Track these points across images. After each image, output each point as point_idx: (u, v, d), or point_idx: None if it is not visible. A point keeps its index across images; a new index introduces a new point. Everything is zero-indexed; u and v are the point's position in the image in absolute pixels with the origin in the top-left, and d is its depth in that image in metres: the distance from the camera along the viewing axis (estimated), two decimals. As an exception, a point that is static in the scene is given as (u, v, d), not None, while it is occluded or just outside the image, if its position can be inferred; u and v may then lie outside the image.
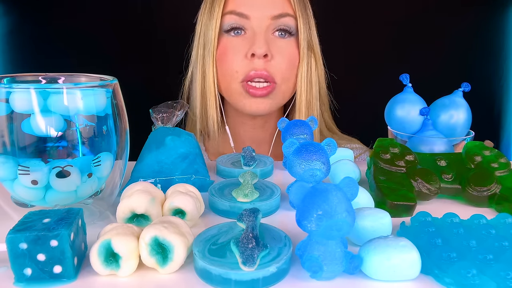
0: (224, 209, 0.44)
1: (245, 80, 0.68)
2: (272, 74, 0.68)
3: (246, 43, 0.68)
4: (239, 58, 0.68)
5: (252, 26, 0.68)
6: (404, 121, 0.59)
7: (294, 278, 0.32)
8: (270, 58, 0.67)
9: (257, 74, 0.67)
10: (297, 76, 0.72)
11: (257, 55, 0.66)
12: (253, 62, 0.67)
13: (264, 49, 0.66)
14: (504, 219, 0.39)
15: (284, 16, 0.68)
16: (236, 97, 0.71)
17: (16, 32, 1.01)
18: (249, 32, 0.69)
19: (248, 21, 0.68)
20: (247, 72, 0.68)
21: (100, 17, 1.02)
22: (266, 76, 0.68)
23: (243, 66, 0.68)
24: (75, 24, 1.01)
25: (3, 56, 1.02)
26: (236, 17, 0.68)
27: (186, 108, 0.54)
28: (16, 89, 0.38)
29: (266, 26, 0.68)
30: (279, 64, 0.69)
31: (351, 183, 0.30)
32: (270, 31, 0.69)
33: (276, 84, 0.69)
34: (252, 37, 0.68)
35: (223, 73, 0.71)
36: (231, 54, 0.69)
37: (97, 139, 0.41)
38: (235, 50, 0.69)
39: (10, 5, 1.00)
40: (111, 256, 0.32)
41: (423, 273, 0.32)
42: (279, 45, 0.69)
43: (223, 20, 0.69)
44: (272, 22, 0.68)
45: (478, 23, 1.03)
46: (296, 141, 0.39)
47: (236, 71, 0.68)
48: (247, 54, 0.67)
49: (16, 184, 0.39)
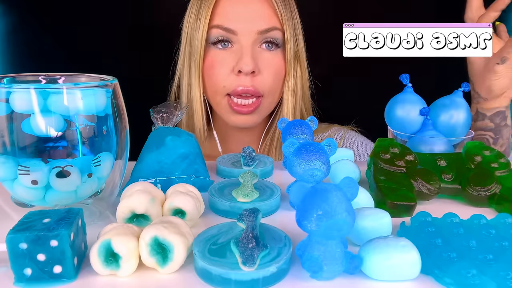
0: (224, 209, 0.44)
1: (232, 94, 0.69)
2: (259, 89, 0.69)
3: (233, 58, 0.68)
4: (226, 72, 0.69)
5: (239, 40, 0.68)
6: (404, 121, 0.59)
7: (294, 278, 0.32)
8: (257, 73, 0.68)
9: (244, 90, 0.68)
10: (283, 86, 0.73)
11: (244, 72, 0.67)
12: (240, 78, 0.68)
13: (251, 67, 0.66)
14: (504, 219, 0.39)
15: (271, 30, 0.68)
16: (222, 111, 0.72)
17: (16, 32, 1.01)
18: (236, 46, 0.69)
19: (235, 36, 0.68)
20: (234, 87, 0.68)
21: (100, 17, 1.02)
22: (253, 92, 0.68)
23: (230, 81, 0.68)
24: (75, 24, 1.01)
25: (3, 56, 1.02)
26: (223, 32, 0.68)
27: (186, 108, 0.54)
28: (16, 89, 0.38)
29: (253, 40, 0.68)
30: (266, 78, 0.69)
31: (351, 183, 0.30)
32: (257, 44, 0.69)
33: (263, 97, 0.70)
34: (239, 51, 0.68)
35: (210, 86, 0.71)
36: (218, 68, 0.69)
37: (97, 139, 0.41)
38: (222, 63, 0.69)
39: (10, 5, 1.00)
40: (111, 256, 0.32)
41: (423, 273, 0.32)
42: (266, 58, 0.69)
43: (209, 33, 0.69)
44: (259, 37, 0.68)
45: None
46: (296, 141, 0.39)
47: (223, 86, 0.69)
48: (234, 69, 0.68)
49: (16, 184, 0.39)
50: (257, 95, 0.70)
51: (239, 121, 0.72)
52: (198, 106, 0.73)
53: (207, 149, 0.80)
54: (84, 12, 1.03)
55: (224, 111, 0.72)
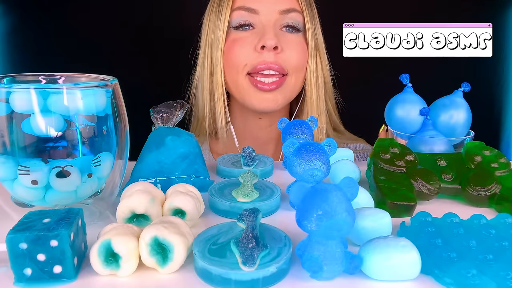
0: (224, 209, 0.44)
1: (253, 72, 0.68)
2: (283, 66, 0.68)
3: (255, 37, 0.68)
4: (248, 51, 0.68)
5: (261, 21, 0.68)
6: (404, 121, 0.59)
7: (294, 278, 0.32)
8: (280, 50, 0.67)
9: (267, 66, 0.67)
10: (306, 71, 0.72)
11: (268, 47, 0.66)
12: (262, 55, 0.67)
13: (274, 41, 0.66)
14: (504, 219, 0.39)
15: (291, 11, 0.69)
16: (244, 93, 0.70)
17: (16, 32, 1.02)
18: (257, 27, 0.69)
19: (256, 16, 0.68)
20: (256, 64, 0.67)
21: (100, 17, 1.02)
22: (277, 69, 0.67)
23: (252, 58, 0.67)
24: (75, 24, 1.01)
25: (3, 56, 1.02)
26: (245, 13, 0.68)
27: (186, 108, 0.54)
28: (16, 89, 0.38)
29: (275, 20, 0.68)
30: (289, 57, 0.68)
31: (351, 183, 0.30)
32: (278, 26, 0.69)
33: (287, 76, 0.69)
34: (261, 31, 0.68)
35: (230, 66, 0.70)
36: (239, 47, 0.68)
37: (97, 139, 0.41)
38: (244, 42, 0.68)
39: (10, 5, 1.00)
40: (111, 256, 0.32)
41: (423, 273, 0.32)
42: (289, 39, 0.69)
43: (231, 16, 0.69)
44: (280, 17, 0.68)
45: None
46: (296, 141, 0.39)
47: (245, 64, 0.68)
48: (257, 46, 0.67)
49: (16, 184, 0.39)
50: (282, 72, 0.68)
51: (262, 102, 0.69)
52: (220, 92, 0.71)
53: (226, 146, 0.78)
54: (84, 12, 1.03)
55: (246, 92, 0.70)
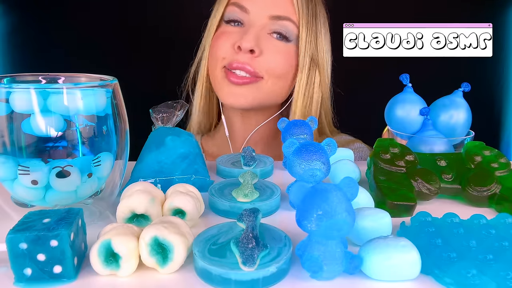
0: (224, 209, 0.44)
1: (229, 67, 0.68)
2: (256, 69, 0.67)
3: (239, 35, 0.68)
4: (228, 47, 0.69)
5: (249, 20, 0.68)
6: (404, 121, 0.59)
7: (294, 278, 0.32)
8: (257, 54, 0.67)
9: (240, 66, 0.67)
10: (294, 82, 0.71)
11: (243, 49, 0.66)
12: (238, 54, 0.67)
13: (250, 44, 0.65)
14: (504, 219, 0.39)
15: (284, 19, 0.68)
16: (218, 86, 0.71)
17: (16, 32, 1.02)
18: (245, 26, 0.69)
19: (247, 15, 0.68)
20: (231, 62, 0.68)
21: (100, 17, 1.02)
22: (248, 71, 0.67)
23: (229, 54, 0.69)
24: (75, 24, 1.01)
25: (3, 56, 1.02)
26: (237, 9, 0.69)
27: (186, 108, 0.54)
28: (16, 89, 0.38)
29: (263, 24, 0.68)
30: (268, 61, 0.67)
31: (351, 183, 0.30)
32: (267, 31, 0.68)
33: (262, 79, 0.68)
34: (246, 31, 0.68)
35: (212, 57, 0.72)
36: (222, 40, 0.70)
37: (97, 139, 0.41)
38: (228, 37, 0.69)
39: (10, 5, 1.00)
40: (111, 256, 0.32)
41: (423, 273, 0.32)
42: (274, 45, 0.68)
43: (226, 10, 0.70)
44: (269, 22, 0.68)
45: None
46: (296, 141, 0.39)
47: (223, 57, 0.69)
48: (235, 45, 0.68)
49: (16, 184, 0.39)
50: (255, 75, 0.68)
51: (231, 96, 0.69)
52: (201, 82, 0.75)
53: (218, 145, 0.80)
54: (84, 12, 1.03)
55: (220, 84, 0.70)
